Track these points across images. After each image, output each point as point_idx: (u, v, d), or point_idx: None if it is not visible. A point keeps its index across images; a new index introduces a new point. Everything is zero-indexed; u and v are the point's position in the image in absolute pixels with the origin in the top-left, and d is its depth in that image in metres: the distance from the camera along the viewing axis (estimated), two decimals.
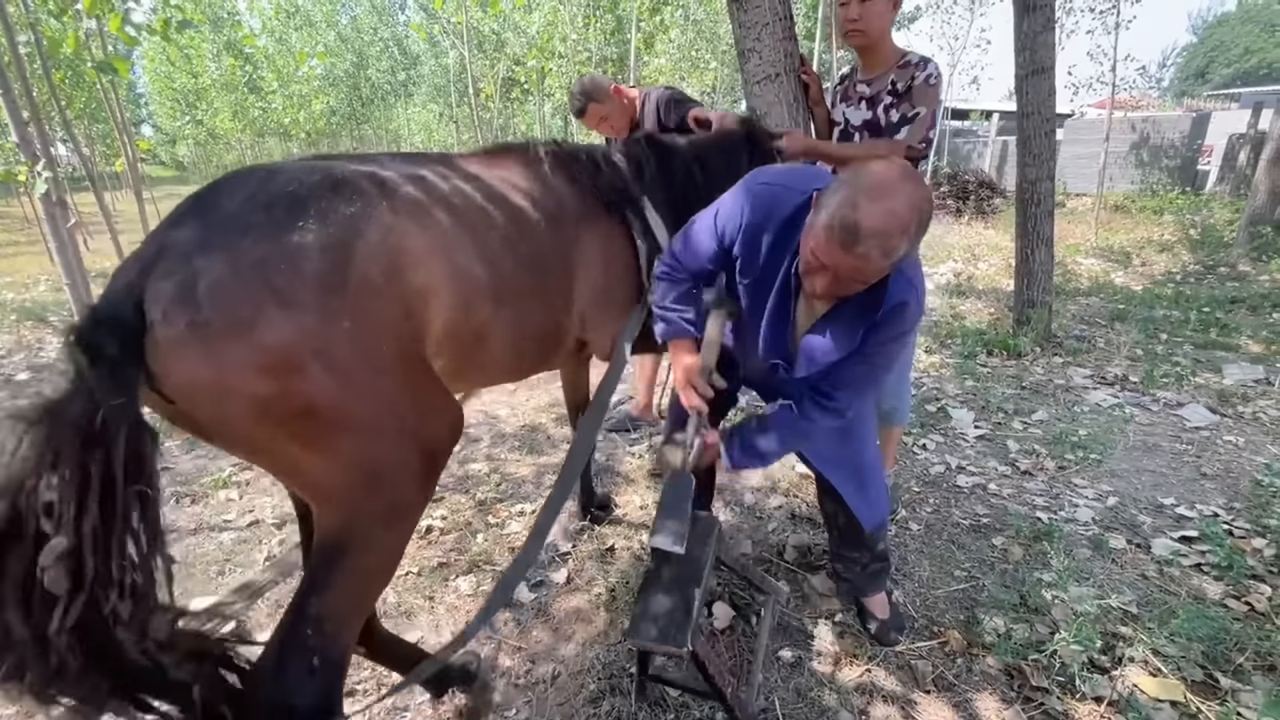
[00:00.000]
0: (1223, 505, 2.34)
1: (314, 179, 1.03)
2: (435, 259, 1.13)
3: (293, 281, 0.91)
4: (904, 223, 1.03)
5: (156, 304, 0.87)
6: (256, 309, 0.89)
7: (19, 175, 1.88)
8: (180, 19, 4.66)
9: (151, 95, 20.03)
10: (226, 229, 0.92)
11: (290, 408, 0.93)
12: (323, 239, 0.96)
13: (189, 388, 0.90)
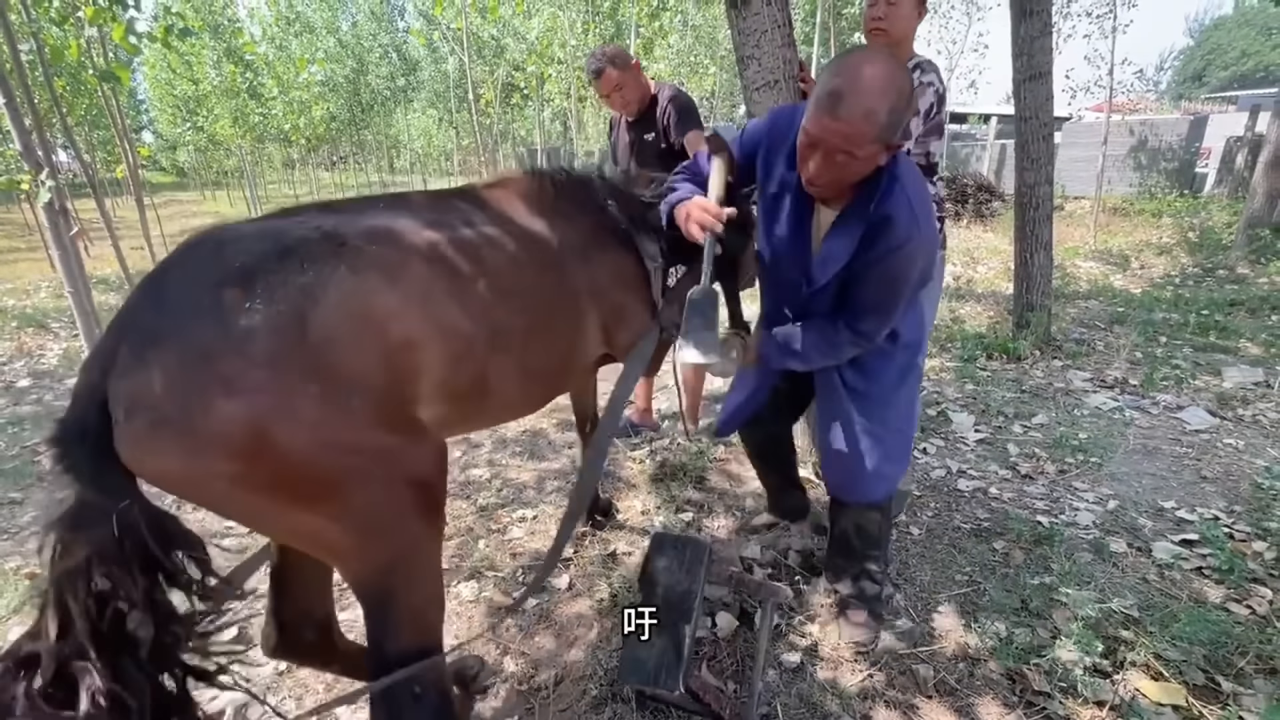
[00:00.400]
0: (1223, 508, 2.34)
1: (264, 247, 1.00)
2: (411, 313, 1.10)
3: (241, 367, 0.92)
4: (881, 85, 1.12)
5: (118, 405, 0.91)
6: (207, 401, 0.90)
7: (22, 184, 1.88)
8: (182, 26, 4.69)
9: (152, 102, 20.08)
10: (176, 317, 0.93)
11: (267, 479, 0.96)
12: (271, 318, 0.94)
13: (162, 478, 0.95)
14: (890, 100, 1.13)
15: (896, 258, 1.29)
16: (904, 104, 1.15)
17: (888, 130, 1.15)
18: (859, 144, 1.16)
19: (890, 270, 1.31)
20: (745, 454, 2.14)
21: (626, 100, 2.63)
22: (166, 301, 0.95)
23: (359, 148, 23.70)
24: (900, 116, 1.16)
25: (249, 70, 12.91)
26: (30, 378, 4.32)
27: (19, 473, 2.93)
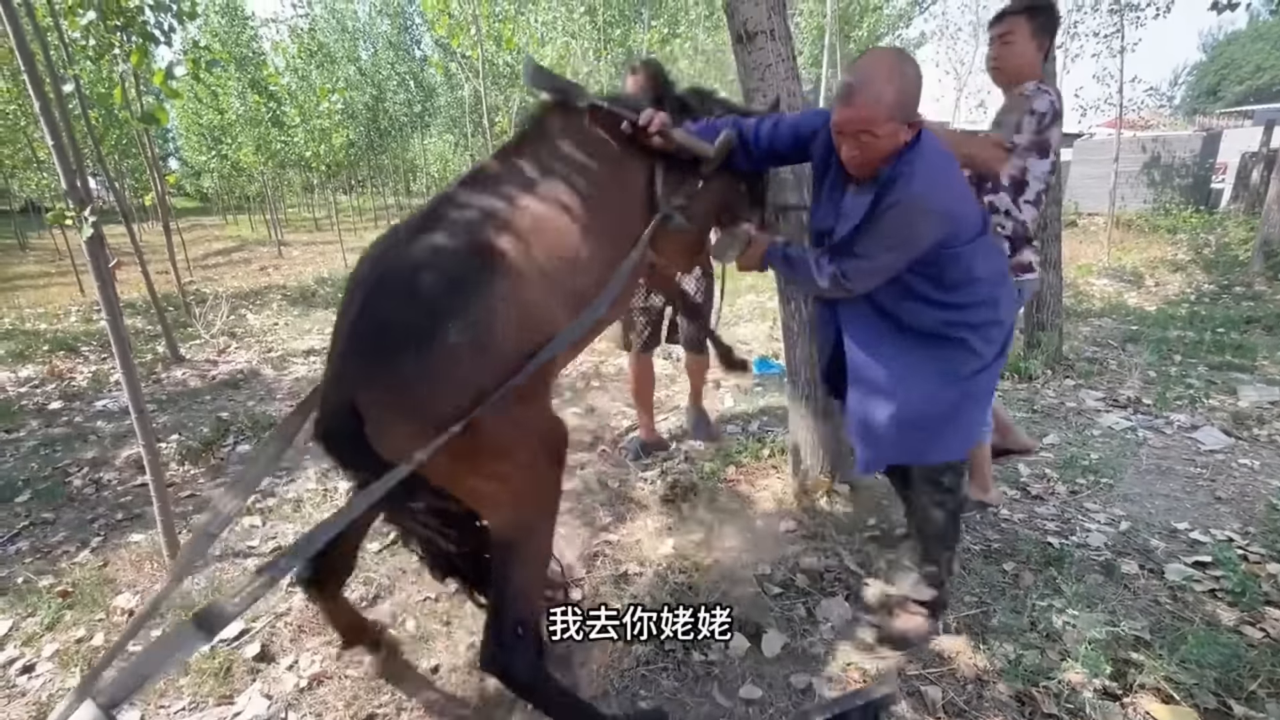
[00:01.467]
0: (1237, 530, 2.33)
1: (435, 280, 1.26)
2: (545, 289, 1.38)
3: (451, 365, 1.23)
4: (884, 72, 1.34)
5: (370, 411, 1.22)
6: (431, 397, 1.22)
7: (68, 219, 2.00)
8: (209, 59, 4.91)
9: (179, 130, 20.75)
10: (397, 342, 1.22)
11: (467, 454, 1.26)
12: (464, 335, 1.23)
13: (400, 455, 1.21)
14: (896, 83, 1.34)
15: (892, 211, 1.42)
16: (910, 85, 1.35)
17: (899, 108, 1.35)
18: (875, 124, 1.36)
19: (883, 222, 1.44)
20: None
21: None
22: (384, 328, 1.24)
23: (376, 171, 24.22)
24: (909, 96, 1.36)
25: (272, 100, 13.32)
26: (61, 400, 4.46)
27: (51, 493, 3.03)
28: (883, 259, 1.49)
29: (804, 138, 1.67)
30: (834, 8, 9.16)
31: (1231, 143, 11.55)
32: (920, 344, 1.60)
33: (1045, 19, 2.04)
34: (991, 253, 1.61)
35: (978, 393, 1.66)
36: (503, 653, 1.37)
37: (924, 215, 1.43)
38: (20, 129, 8.87)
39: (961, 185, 1.55)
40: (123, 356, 2.21)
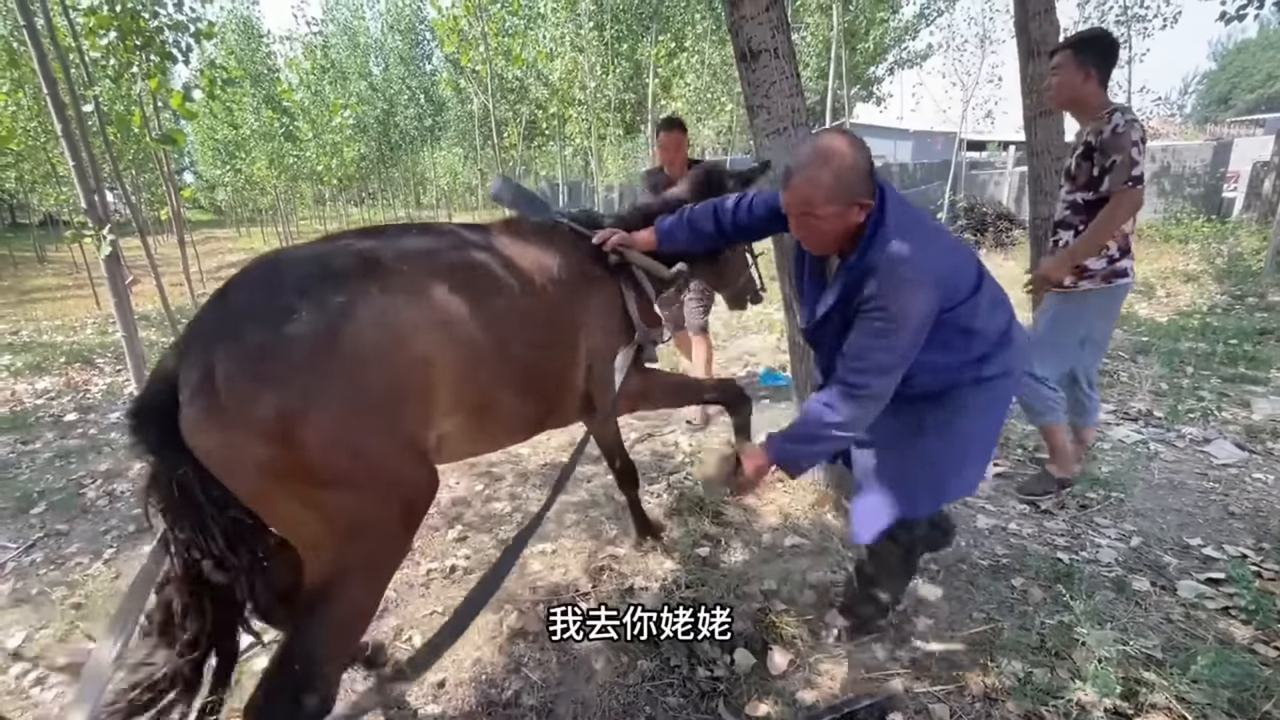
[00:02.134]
0: (1251, 546, 2.30)
1: (310, 270, 1.21)
2: (433, 330, 1.28)
3: (283, 366, 1.10)
4: (820, 156, 1.33)
5: (184, 390, 1.11)
6: (254, 392, 1.09)
7: (88, 238, 2.05)
8: (225, 78, 5.02)
9: (195, 145, 21.14)
10: (237, 322, 1.14)
11: (284, 469, 1.11)
12: (313, 327, 1.13)
13: (207, 453, 1.12)
14: (832, 165, 1.31)
15: (872, 309, 1.37)
16: (848, 168, 1.31)
17: (837, 191, 1.32)
18: (813, 206, 1.35)
19: (867, 322, 1.38)
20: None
21: (679, 161, 3.36)
22: (230, 310, 1.16)
23: (387, 184, 24.54)
24: (847, 179, 1.32)
25: (286, 115, 13.57)
26: (77, 411, 4.53)
27: (66, 504, 3.07)
28: (892, 350, 1.38)
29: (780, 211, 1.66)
30: (839, 22, 9.21)
31: (1243, 151, 11.46)
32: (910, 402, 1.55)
33: (1093, 50, 2.27)
34: (994, 306, 1.52)
35: (964, 446, 1.60)
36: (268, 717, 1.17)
37: (912, 289, 1.34)
38: (41, 145, 9.08)
39: (943, 241, 1.46)
40: (137, 370, 2.25)
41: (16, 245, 19.26)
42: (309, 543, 1.21)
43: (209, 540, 1.16)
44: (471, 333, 1.35)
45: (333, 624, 1.20)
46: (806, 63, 12.67)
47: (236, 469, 1.13)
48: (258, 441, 1.08)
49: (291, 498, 1.16)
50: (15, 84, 7.58)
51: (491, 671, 1.88)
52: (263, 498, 1.17)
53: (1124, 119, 2.19)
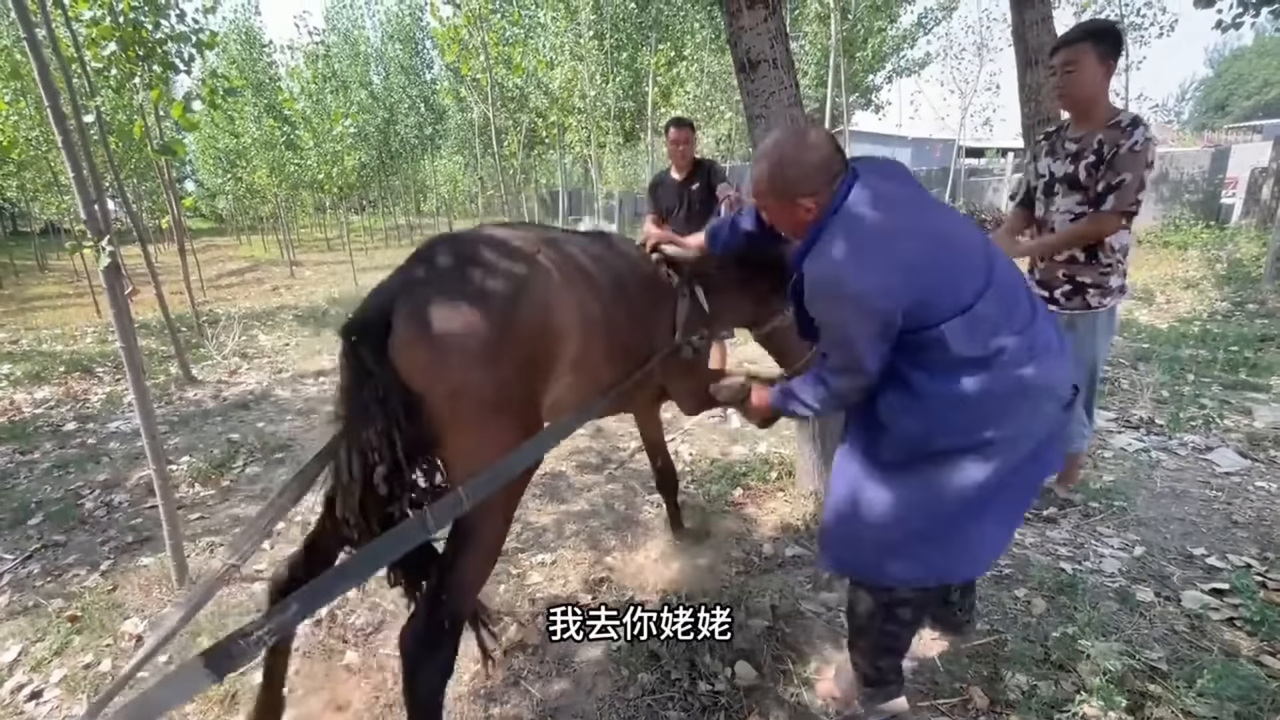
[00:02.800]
0: (1255, 555, 2.28)
1: (499, 246, 1.46)
2: (570, 306, 1.51)
3: (483, 312, 1.33)
4: (765, 152, 1.36)
5: (400, 319, 1.31)
6: (461, 327, 1.31)
7: (87, 248, 2.04)
8: (227, 87, 5.04)
9: (196, 154, 21.23)
10: (445, 275, 1.38)
11: (470, 395, 1.33)
12: (503, 289, 1.38)
13: (412, 371, 1.31)
14: (773, 158, 1.34)
15: (812, 300, 1.34)
16: (790, 163, 1.32)
17: (778, 187, 1.34)
18: (762, 199, 1.40)
19: (817, 314, 1.36)
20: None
21: (685, 155, 3.63)
22: (437, 265, 1.40)
23: (387, 192, 24.61)
24: (788, 174, 1.32)
25: (287, 124, 13.62)
26: (76, 421, 4.52)
27: (63, 515, 3.06)
28: (837, 355, 1.36)
29: None
30: (838, 31, 9.27)
31: (1241, 158, 11.50)
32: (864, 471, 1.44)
33: (1110, 42, 2.04)
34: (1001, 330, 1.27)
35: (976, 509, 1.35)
36: (428, 640, 1.33)
37: (834, 304, 1.29)
38: (42, 154, 9.11)
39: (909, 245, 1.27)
40: (136, 382, 2.24)
41: (18, 253, 19.29)
42: (468, 464, 1.36)
43: (391, 447, 1.29)
44: (593, 314, 1.59)
45: (477, 556, 1.40)
46: (805, 71, 12.74)
47: (432, 382, 1.30)
48: (455, 366, 1.30)
49: (466, 424, 1.35)
50: (17, 94, 7.62)
51: (490, 684, 1.86)
52: (445, 415, 1.34)
53: (1144, 136, 2.00)
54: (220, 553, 1.41)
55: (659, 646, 1.93)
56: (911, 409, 1.33)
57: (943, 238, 1.30)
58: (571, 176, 20.74)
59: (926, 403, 1.31)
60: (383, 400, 1.28)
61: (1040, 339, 1.30)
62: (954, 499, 1.33)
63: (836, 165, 1.32)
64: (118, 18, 4.12)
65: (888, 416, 1.37)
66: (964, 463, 1.31)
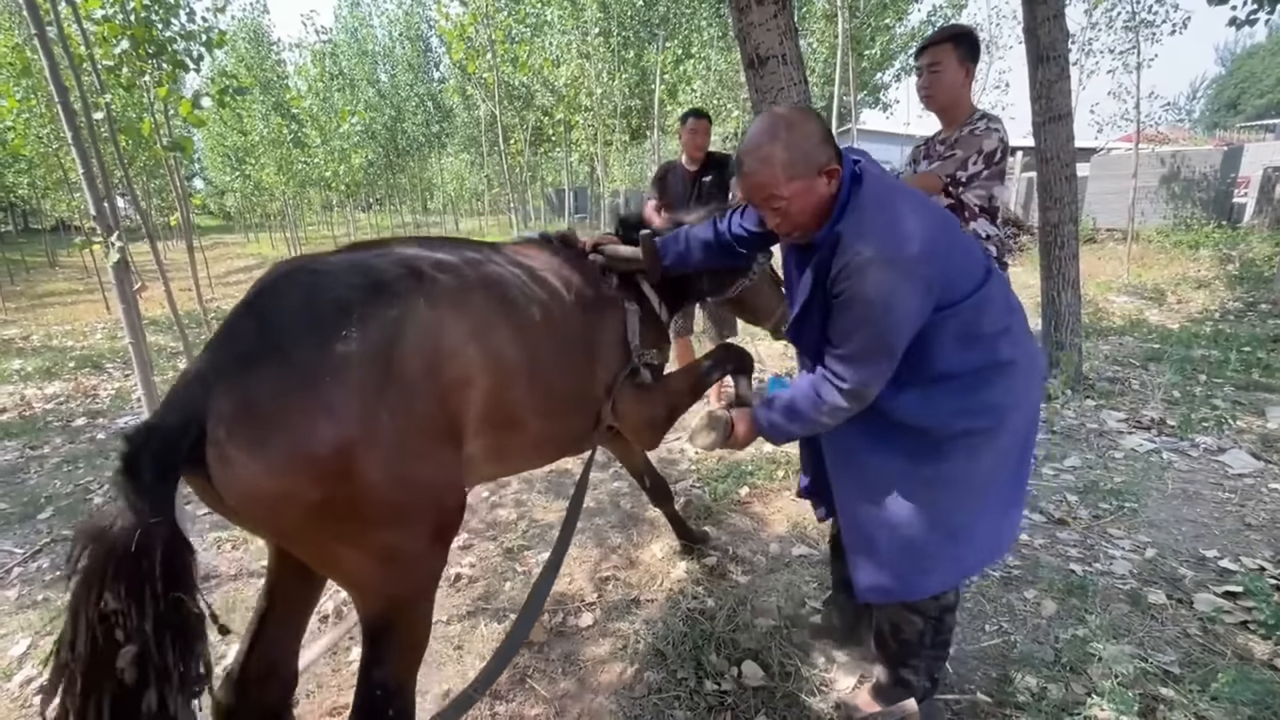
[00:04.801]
0: (1269, 558, 2.25)
1: (356, 281, 1.11)
2: (471, 347, 1.21)
3: (339, 393, 1.00)
4: (765, 132, 1.22)
5: (219, 423, 0.96)
6: (308, 422, 0.97)
7: (96, 245, 2.05)
8: (235, 86, 5.06)
9: (204, 152, 21.36)
10: (279, 341, 1.01)
11: (335, 509, 1.02)
12: (365, 347, 1.04)
13: (249, 496, 0.98)
14: (782, 138, 1.20)
15: (842, 290, 1.21)
16: (800, 136, 1.20)
17: (794, 163, 1.20)
18: (774, 187, 1.22)
19: (845, 293, 1.21)
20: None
21: (701, 146, 3.61)
22: (269, 327, 1.02)
23: (394, 190, 24.68)
24: (801, 148, 1.20)
25: (294, 122, 13.69)
26: (85, 416, 4.55)
27: (72, 510, 3.08)
28: (866, 338, 1.22)
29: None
30: (845, 28, 9.22)
31: (1254, 156, 11.39)
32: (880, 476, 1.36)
33: (969, 45, 2.09)
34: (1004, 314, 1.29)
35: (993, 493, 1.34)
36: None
37: (884, 270, 1.16)
38: (53, 152, 9.17)
39: (931, 218, 1.24)
40: (144, 378, 2.25)
41: (29, 250, 19.47)
42: (352, 580, 1.16)
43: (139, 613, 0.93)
44: (505, 349, 1.29)
45: (399, 650, 1.18)
46: (813, 69, 12.68)
47: (281, 508, 1.00)
48: (310, 479, 0.97)
49: (337, 537, 1.06)
50: (28, 92, 7.67)
51: (496, 683, 1.86)
52: (305, 537, 1.07)
53: (985, 125, 2.07)
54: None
55: (665, 645, 1.93)
56: (931, 394, 1.29)
57: (948, 215, 1.32)
58: (577, 175, 20.75)
59: (948, 383, 1.28)
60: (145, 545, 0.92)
61: (1023, 317, 1.36)
62: (979, 482, 1.32)
63: (832, 137, 1.26)
64: (129, 16, 4.14)
65: (903, 409, 1.31)
66: (982, 443, 1.31)
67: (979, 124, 2.08)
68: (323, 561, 1.15)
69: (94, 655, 0.92)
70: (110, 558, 0.92)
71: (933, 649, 1.49)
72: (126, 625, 0.92)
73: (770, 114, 1.25)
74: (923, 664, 1.51)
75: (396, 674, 1.17)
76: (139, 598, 0.93)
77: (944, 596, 1.43)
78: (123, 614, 0.92)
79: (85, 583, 0.93)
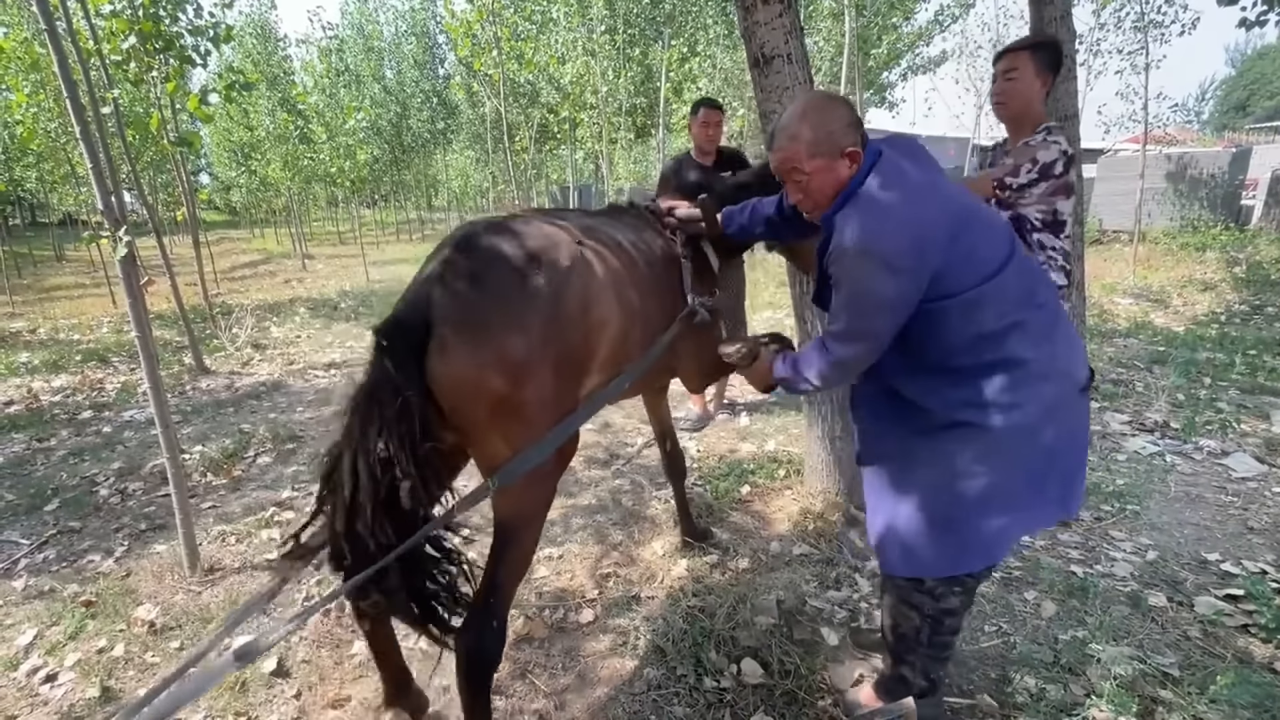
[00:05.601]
0: (1271, 562, 2.25)
1: (539, 234, 1.42)
2: (609, 296, 1.50)
3: (529, 316, 1.30)
4: (798, 112, 1.34)
5: (444, 322, 1.27)
6: (507, 331, 1.28)
7: (103, 239, 2.07)
8: (243, 83, 5.08)
9: (211, 147, 21.39)
10: (490, 271, 1.32)
11: (510, 406, 1.29)
12: (547, 287, 1.34)
13: (455, 383, 1.28)
14: (810, 118, 1.32)
15: (834, 261, 1.31)
16: (827, 118, 1.31)
17: (819, 143, 1.31)
18: (798, 161, 1.34)
19: (833, 277, 1.32)
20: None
21: (715, 139, 3.36)
22: (481, 260, 1.33)
23: (399, 187, 24.71)
24: (827, 129, 1.31)
25: (300, 118, 13.70)
26: (91, 410, 4.58)
27: (78, 502, 3.10)
28: (848, 320, 1.31)
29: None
30: (852, 27, 9.19)
31: (1262, 158, 11.31)
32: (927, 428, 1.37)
33: (1049, 55, 2.02)
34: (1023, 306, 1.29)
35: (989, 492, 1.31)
36: (482, 638, 1.37)
37: (861, 261, 1.24)
38: (61, 146, 9.22)
39: (941, 206, 1.26)
40: (150, 372, 2.26)
41: (36, 244, 19.57)
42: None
43: (408, 457, 1.24)
44: (631, 302, 1.57)
45: (515, 558, 1.41)
46: (819, 68, 12.64)
47: (475, 395, 1.27)
48: (501, 373, 1.26)
49: (503, 432, 1.32)
50: (37, 86, 7.70)
51: (498, 678, 1.86)
52: (480, 424, 1.32)
53: (1043, 137, 2.00)
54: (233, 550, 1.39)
55: (665, 642, 1.94)
56: (937, 380, 1.33)
57: (970, 206, 1.32)
58: (582, 172, 20.75)
59: (949, 373, 1.31)
60: (407, 408, 1.23)
61: (1059, 318, 1.34)
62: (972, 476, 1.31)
63: (861, 125, 1.35)
64: (137, 11, 4.16)
65: (908, 388, 1.38)
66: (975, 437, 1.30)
67: (1038, 135, 2.01)
68: (485, 455, 1.39)
69: (374, 485, 1.25)
70: (382, 418, 1.24)
71: (930, 649, 1.49)
72: (402, 465, 1.24)
73: (807, 95, 1.41)
74: (919, 662, 1.51)
75: (509, 576, 1.40)
76: (408, 446, 1.24)
77: (944, 599, 1.42)
78: (395, 459, 1.23)
79: (361, 437, 1.26)
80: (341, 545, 1.32)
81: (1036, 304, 1.29)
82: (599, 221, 1.73)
